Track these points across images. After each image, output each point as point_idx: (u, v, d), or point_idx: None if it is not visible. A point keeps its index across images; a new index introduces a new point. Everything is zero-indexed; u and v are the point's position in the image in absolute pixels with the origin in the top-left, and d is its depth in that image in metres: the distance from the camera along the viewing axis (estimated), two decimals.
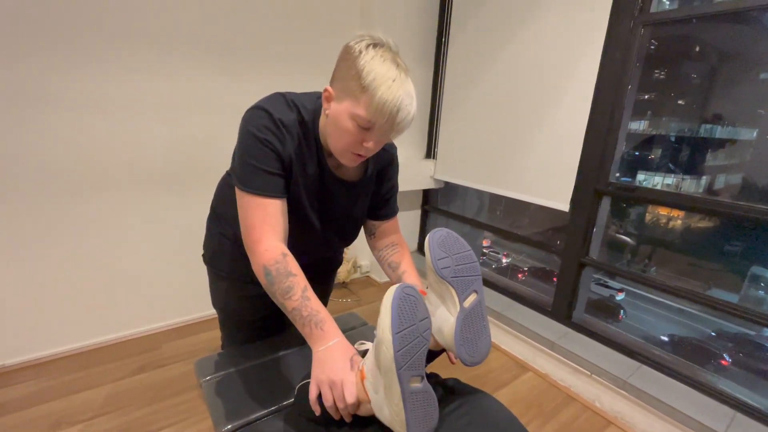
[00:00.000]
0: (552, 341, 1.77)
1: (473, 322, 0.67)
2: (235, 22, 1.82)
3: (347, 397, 0.63)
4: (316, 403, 0.67)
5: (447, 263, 0.68)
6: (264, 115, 0.75)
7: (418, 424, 0.58)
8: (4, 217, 1.52)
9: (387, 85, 0.66)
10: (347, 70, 0.69)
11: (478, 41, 2.08)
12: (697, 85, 1.81)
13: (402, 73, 0.69)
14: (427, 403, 0.60)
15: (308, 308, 0.70)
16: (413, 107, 0.71)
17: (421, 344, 0.59)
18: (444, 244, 0.69)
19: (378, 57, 0.68)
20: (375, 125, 0.70)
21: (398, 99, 0.67)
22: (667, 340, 2.09)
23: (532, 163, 1.88)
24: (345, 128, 0.71)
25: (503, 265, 3.75)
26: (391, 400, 0.59)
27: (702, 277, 1.94)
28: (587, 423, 1.56)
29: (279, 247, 0.75)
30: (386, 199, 0.97)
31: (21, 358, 1.67)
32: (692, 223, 2.10)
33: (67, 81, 1.51)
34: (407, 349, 0.57)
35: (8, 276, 1.57)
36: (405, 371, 0.56)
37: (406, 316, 0.57)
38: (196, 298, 2.03)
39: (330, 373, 0.65)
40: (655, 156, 1.95)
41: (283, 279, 0.72)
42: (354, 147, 0.74)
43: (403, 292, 0.59)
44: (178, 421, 1.44)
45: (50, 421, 1.40)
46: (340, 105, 0.71)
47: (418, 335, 0.58)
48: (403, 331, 0.56)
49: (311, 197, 0.84)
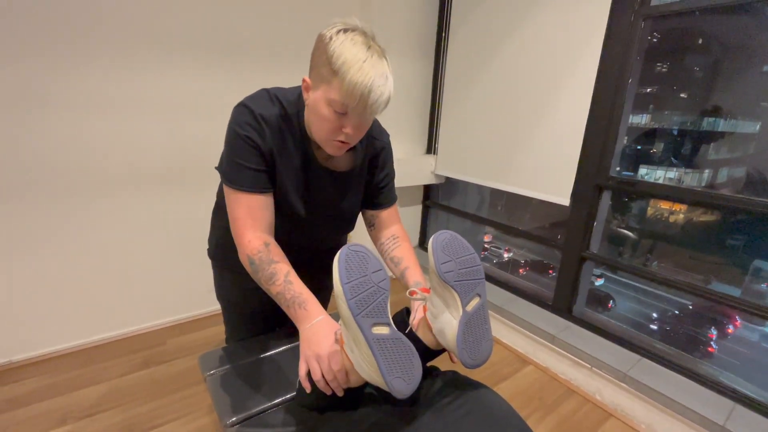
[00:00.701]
0: (552, 335, 1.77)
1: (475, 326, 0.68)
2: (234, 21, 1.82)
3: (333, 366, 0.65)
4: (306, 380, 0.69)
5: (450, 267, 0.68)
6: (245, 111, 0.77)
7: (393, 370, 0.59)
8: (9, 216, 1.53)
9: (357, 67, 0.66)
10: (320, 57, 0.70)
11: (479, 36, 2.08)
12: (700, 77, 1.80)
13: (374, 55, 0.68)
14: (400, 349, 0.61)
15: (291, 291, 0.73)
16: (387, 88, 0.70)
17: (378, 293, 0.61)
18: (448, 247, 0.69)
19: (348, 41, 0.68)
20: (348, 108, 0.70)
21: (369, 80, 0.67)
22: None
23: (532, 158, 1.88)
24: (323, 115, 0.72)
25: (504, 260, 3.76)
26: (361, 351, 0.60)
27: (704, 271, 1.94)
28: (588, 415, 1.58)
29: (262, 238, 0.78)
30: (381, 187, 0.97)
31: (28, 354, 1.69)
32: (694, 217, 2.10)
33: (69, 81, 1.52)
34: (362, 297, 0.59)
35: (14, 274, 1.59)
36: (363, 318, 0.58)
37: (354, 268, 0.60)
38: (198, 294, 2.04)
39: (316, 348, 0.67)
40: (657, 150, 1.95)
41: (266, 266, 0.75)
42: (334, 134, 0.74)
43: (349, 249, 0.62)
44: (183, 415, 1.46)
45: (57, 416, 1.42)
46: (316, 93, 0.72)
47: (372, 285, 0.61)
48: (353, 281, 0.59)
49: (298, 189, 0.86)
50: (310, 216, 0.90)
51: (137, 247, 1.84)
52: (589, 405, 1.63)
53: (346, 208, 0.95)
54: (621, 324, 1.89)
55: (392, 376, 0.59)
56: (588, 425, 1.53)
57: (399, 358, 0.61)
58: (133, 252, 1.84)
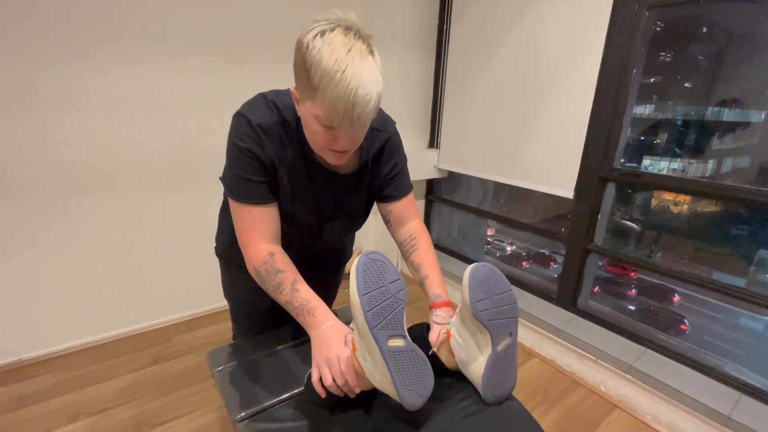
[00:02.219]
0: (557, 327, 1.78)
1: (502, 364, 0.67)
2: (239, 19, 1.81)
3: (344, 370, 0.65)
4: (319, 385, 0.69)
5: (486, 305, 0.65)
6: (243, 121, 0.75)
7: (407, 382, 0.59)
8: (19, 215, 1.55)
9: (336, 80, 0.60)
10: (299, 69, 0.65)
11: (481, 28, 2.06)
12: (704, 67, 1.78)
13: (356, 58, 0.60)
14: (414, 362, 0.61)
15: (299, 299, 0.73)
16: (374, 92, 0.63)
17: (395, 304, 0.60)
18: (486, 283, 0.67)
19: (325, 47, 0.60)
20: (335, 124, 0.65)
21: (351, 92, 0.60)
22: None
23: (535, 151, 1.88)
24: (314, 130, 0.69)
25: (507, 253, 3.76)
26: (375, 362, 0.60)
27: (708, 262, 1.93)
28: (593, 407, 1.58)
29: (266, 248, 0.78)
30: (390, 178, 0.92)
31: (38, 352, 1.71)
32: (698, 207, 2.09)
33: (76, 81, 1.52)
34: (378, 308, 0.58)
35: (24, 273, 1.61)
36: (379, 330, 0.58)
37: (372, 279, 0.59)
38: (205, 292, 2.06)
39: (326, 353, 0.67)
40: (661, 141, 1.93)
41: (272, 277, 0.76)
42: (329, 145, 0.71)
43: (368, 258, 0.60)
44: (192, 410, 1.48)
45: (68, 413, 1.44)
46: (304, 106, 0.69)
47: (390, 296, 0.60)
48: (371, 292, 0.58)
49: (303, 195, 0.84)
50: (317, 220, 0.89)
51: (144, 245, 1.85)
52: (594, 397, 1.64)
53: (353, 209, 0.94)
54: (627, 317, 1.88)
55: (405, 389, 0.59)
56: (593, 417, 1.53)
57: (412, 370, 0.60)
58: (139, 250, 1.85)
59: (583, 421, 1.51)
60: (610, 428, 1.49)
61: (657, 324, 1.82)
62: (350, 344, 0.68)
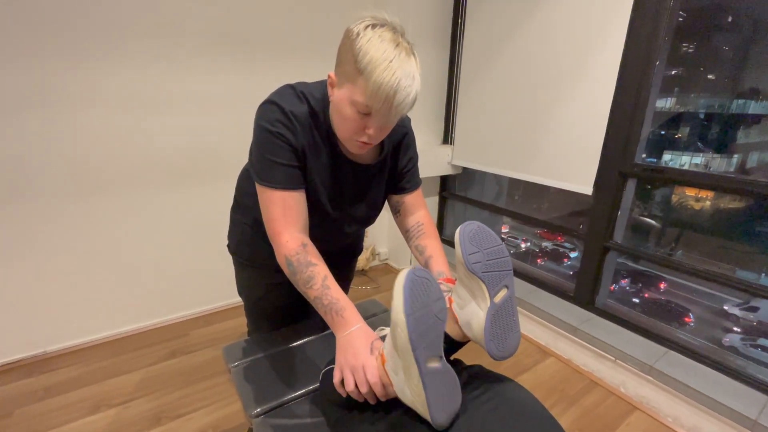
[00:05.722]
0: (574, 326, 1.75)
1: (503, 317, 0.67)
2: (250, 15, 1.82)
3: (370, 379, 0.64)
4: (340, 387, 0.69)
5: (478, 258, 0.66)
6: (275, 108, 0.75)
7: (439, 403, 0.59)
8: (41, 213, 1.59)
9: (383, 67, 0.63)
10: (346, 53, 0.68)
11: (496, 20, 2.02)
12: (729, 58, 1.71)
13: (402, 53, 0.65)
14: (447, 382, 0.61)
15: (328, 297, 0.72)
16: (414, 88, 0.68)
17: (437, 325, 0.59)
18: (476, 238, 0.68)
19: (375, 38, 0.65)
20: (373, 109, 0.68)
21: (395, 81, 0.64)
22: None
23: (553, 146, 1.84)
24: (346, 115, 0.70)
25: (522, 250, 3.71)
26: (410, 381, 0.59)
27: (732, 260, 1.87)
28: (612, 408, 1.55)
29: (299, 238, 0.77)
30: (405, 172, 0.95)
31: (61, 345, 1.77)
32: (722, 203, 2.02)
33: (86, 78, 1.55)
34: (422, 330, 0.57)
35: (49, 269, 1.66)
36: (421, 352, 0.57)
37: (418, 298, 0.58)
38: (221, 286, 2.09)
39: (351, 359, 0.67)
40: (683, 135, 1.87)
41: (304, 269, 0.74)
42: (357, 134, 0.73)
43: (414, 275, 0.59)
44: (209, 404, 1.50)
45: (90, 404, 1.48)
46: (341, 91, 0.70)
47: (433, 316, 0.59)
48: (417, 312, 0.57)
49: (327, 186, 0.85)
50: (337, 211, 0.89)
51: (162, 240, 1.89)
52: (613, 397, 1.60)
53: (372, 201, 0.95)
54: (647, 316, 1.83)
55: (437, 409, 0.58)
56: (612, 418, 1.50)
57: (445, 391, 0.60)
58: (158, 246, 1.88)
59: (602, 421, 1.48)
60: (630, 429, 1.45)
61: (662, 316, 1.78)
62: (380, 355, 0.66)
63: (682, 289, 2.25)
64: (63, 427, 1.38)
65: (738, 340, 1.82)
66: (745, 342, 1.79)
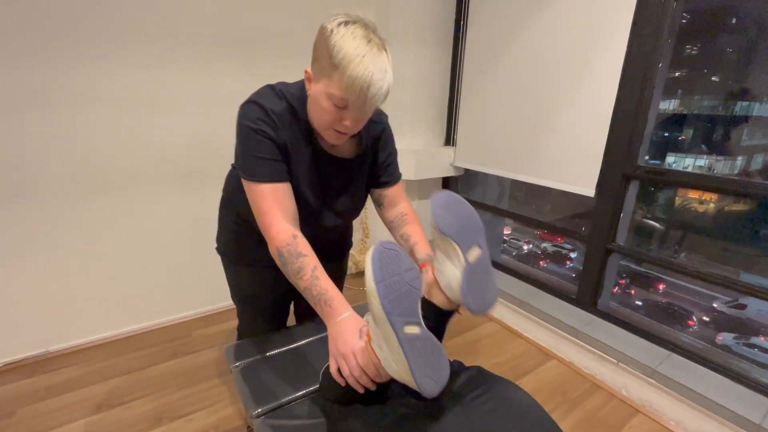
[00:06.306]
0: (576, 329, 1.74)
1: (478, 275, 0.70)
2: (252, 16, 1.82)
3: (360, 362, 0.67)
4: (338, 376, 0.70)
5: (449, 221, 0.71)
6: (256, 108, 0.79)
7: (423, 369, 0.60)
8: (44, 213, 1.60)
9: (356, 62, 0.67)
10: (321, 50, 0.71)
11: (499, 21, 2.02)
12: (733, 60, 1.71)
13: (374, 48, 0.69)
14: (430, 349, 0.62)
15: (318, 287, 0.75)
16: (386, 81, 0.72)
17: (411, 293, 0.62)
18: (446, 203, 0.73)
19: (348, 34, 0.68)
20: (348, 102, 0.71)
21: (369, 74, 0.68)
22: None
23: (555, 147, 1.83)
24: (323, 107, 0.74)
25: (524, 252, 3.70)
26: (392, 350, 0.60)
27: (736, 263, 1.86)
28: (614, 411, 1.54)
29: (289, 230, 0.79)
30: (386, 166, 0.99)
31: (64, 345, 1.77)
32: (725, 206, 2.01)
33: (88, 79, 1.56)
34: (395, 296, 0.60)
35: (50, 268, 1.66)
36: (396, 317, 0.59)
37: (388, 267, 0.61)
38: (223, 287, 2.06)
39: (341, 347, 0.69)
40: (686, 137, 1.87)
41: (294, 260, 0.77)
42: (334, 125, 0.76)
43: (383, 247, 0.62)
44: (211, 404, 1.50)
45: (93, 404, 1.49)
46: (317, 85, 0.74)
47: (405, 283, 0.61)
48: (387, 280, 0.60)
49: (309, 179, 0.88)
50: (320, 205, 0.92)
51: (164, 241, 1.89)
52: (616, 401, 1.59)
53: (353, 194, 0.97)
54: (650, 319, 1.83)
55: (422, 376, 0.59)
56: (614, 421, 1.49)
57: (428, 357, 0.61)
58: (160, 246, 1.89)
59: (604, 425, 1.48)
60: None
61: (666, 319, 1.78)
62: (365, 335, 0.68)
63: (674, 287, 2.26)
64: (65, 426, 1.38)
65: (731, 339, 1.82)
66: (738, 341, 1.78)
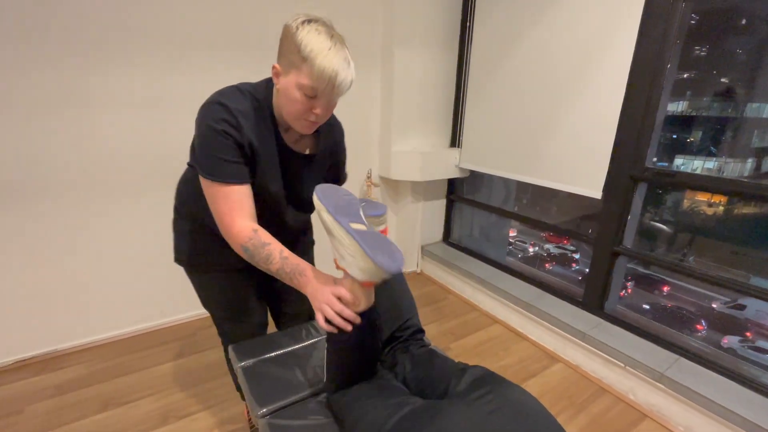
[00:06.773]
0: (583, 332, 1.72)
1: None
2: (251, 19, 1.84)
3: (342, 295, 0.75)
4: (325, 325, 0.76)
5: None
6: (219, 108, 0.81)
7: (374, 249, 0.69)
8: (52, 213, 1.62)
9: (324, 54, 0.74)
10: (288, 45, 0.77)
11: (505, 22, 2.02)
12: (743, 61, 1.69)
13: (337, 43, 0.76)
14: (380, 239, 0.72)
15: (289, 265, 0.81)
16: (350, 71, 0.79)
17: (351, 204, 0.78)
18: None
19: (313, 31, 0.75)
20: (318, 91, 0.77)
21: (335, 64, 0.75)
22: None
23: (562, 149, 1.82)
24: (294, 98, 0.78)
25: (530, 254, 3.68)
26: (349, 249, 0.70)
27: (746, 266, 1.83)
28: (621, 415, 1.53)
29: (249, 225, 0.83)
30: (337, 165, 1.08)
31: (72, 343, 1.79)
32: (735, 209, 1.98)
33: (99, 82, 1.58)
34: (338, 204, 0.75)
35: (59, 267, 1.68)
36: (342, 217, 0.73)
37: (329, 195, 0.77)
38: None
39: (321, 296, 0.76)
40: (695, 139, 1.85)
41: (261, 250, 0.81)
42: (305, 114, 0.81)
43: (321, 185, 0.80)
44: (216, 403, 1.51)
45: (100, 402, 1.50)
46: (287, 78, 0.79)
47: (343, 197, 0.79)
48: (330, 198, 0.76)
49: (273, 171, 0.91)
50: (285, 195, 0.95)
51: (170, 242, 1.90)
52: (623, 405, 1.58)
53: (314, 185, 0.99)
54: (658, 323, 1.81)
55: (375, 254, 0.68)
56: (621, 426, 1.48)
57: (379, 242, 0.71)
58: (164, 247, 1.90)
59: (610, 429, 1.46)
60: None
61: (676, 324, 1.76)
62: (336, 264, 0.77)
63: (674, 288, 2.23)
64: (72, 424, 1.40)
65: (736, 342, 1.79)
66: (744, 344, 1.76)
